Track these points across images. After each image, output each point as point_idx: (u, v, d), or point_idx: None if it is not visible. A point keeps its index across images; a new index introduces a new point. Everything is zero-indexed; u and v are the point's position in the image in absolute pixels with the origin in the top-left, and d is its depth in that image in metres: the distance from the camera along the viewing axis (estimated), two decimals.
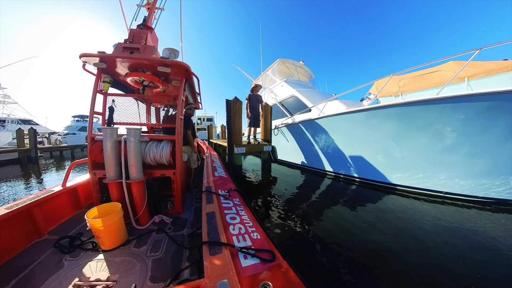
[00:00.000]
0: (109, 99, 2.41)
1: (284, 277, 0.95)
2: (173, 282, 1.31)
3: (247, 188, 4.80)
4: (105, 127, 1.95)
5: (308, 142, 6.15)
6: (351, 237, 2.57)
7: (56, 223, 2.05)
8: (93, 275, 1.36)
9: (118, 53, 2.15)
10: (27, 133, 10.42)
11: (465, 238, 2.48)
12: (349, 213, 3.33)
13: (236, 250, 1.13)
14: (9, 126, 14.13)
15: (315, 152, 6.02)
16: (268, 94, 8.97)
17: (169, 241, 1.78)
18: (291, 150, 7.10)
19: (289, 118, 6.91)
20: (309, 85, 9.07)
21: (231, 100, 4.65)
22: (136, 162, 1.96)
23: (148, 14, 2.97)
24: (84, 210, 2.32)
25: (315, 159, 6.10)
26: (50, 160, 11.37)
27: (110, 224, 1.61)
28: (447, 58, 3.45)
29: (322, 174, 5.88)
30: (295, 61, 9.20)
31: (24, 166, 9.06)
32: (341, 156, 5.22)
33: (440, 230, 2.65)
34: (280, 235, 2.65)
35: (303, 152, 6.61)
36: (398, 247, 2.33)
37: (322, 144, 5.70)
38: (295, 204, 3.80)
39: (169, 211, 2.35)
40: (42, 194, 1.96)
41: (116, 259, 1.53)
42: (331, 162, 5.61)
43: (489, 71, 4.30)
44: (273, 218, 3.12)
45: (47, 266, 1.45)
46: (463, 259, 2.07)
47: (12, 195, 4.99)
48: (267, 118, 5.85)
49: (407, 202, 3.71)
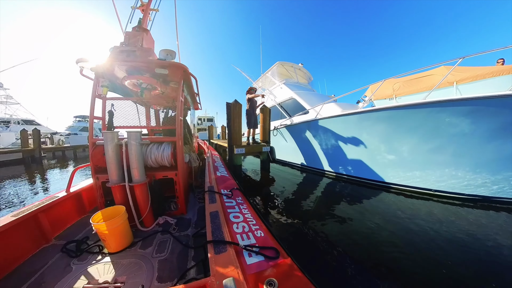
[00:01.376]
0: (108, 103, 2.41)
1: (289, 273, 0.96)
2: (180, 281, 1.33)
3: (247, 187, 4.98)
4: (105, 132, 1.96)
5: (306, 143, 6.35)
6: (352, 234, 2.67)
7: (62, 228, 2.08)
8: (101, 278, 1.38)
9: (115, 56, 2.15)
10: (31, 134, 10.37)
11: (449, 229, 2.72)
12: (347, 210, 3.45)
13: (241, 248, 1.14)
14: (12, 127, 14.16)
15: (313, 152, 6.20)
16: (268, 96, 9.17)
17: (174, 242, 1.80)
18: (289, 150, 7.28)
19: (287, 119, 7.14)
20: (308, 87, 9.37)
21: (231, 103, 4.85)
22: (138, 165, 1.97)
23: (142, 16, 2.95)
24: (89, 214, 2.34)
25: (313, 159, 6.29)
26: (53, 161, 11.40)
27: (115, 227, 1.63)
28: (439, 64, 3.83)
29: (321, 173, 6.07)
30: (294, 64, 9.39)
31: (28, 166, 9.11)
32: (338, 156, 5.44)
33: (436, 226, 2.79)
34: (278, 230, 2.79)
35: (302, 152, 6.80)
36: (395, 241, 2.47)
37: (320, 144, 5.90)
38: (293, 202, 3.96)
39: (173, 212, 2.37)
40: (47, 200, 1.98)
41: (122, 261, 1.55)
42: (329, 161, 5.81)
43: (476, 76, 4.61)
44: (272, 215, 3.30)
45: (56, 271, 1.47)
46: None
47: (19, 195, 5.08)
48: (266, 120, 6.02)
49: (402, 199, 3.91)
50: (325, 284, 1.79)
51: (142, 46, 2.37)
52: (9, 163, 9.30)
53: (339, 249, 2.30)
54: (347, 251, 2.26)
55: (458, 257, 2.14)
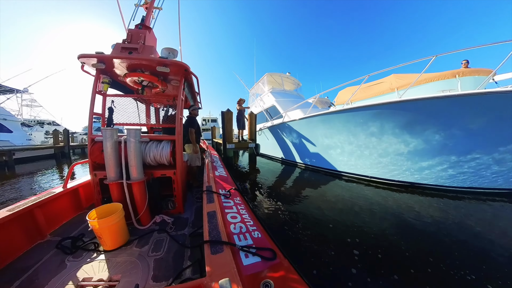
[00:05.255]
0: (108, 99, 2.40)
1: (285, 275, 0.95)
2: (175, 281, 1.31)
3: (237, 175, 6.36)
4: (104, 128, 1.95)
5: (282, 140, 8.05)
6: (312, 209, 3.48)
7: (58, 224, 2.06)
8: (95, 275, 1.37)
9: (117, 53, 2.14)
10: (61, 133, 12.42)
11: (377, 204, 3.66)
12: (308, 192, 4.43)
13: (237, 248, 1.13)
14: (37, 127, 15.89)
15: (287, 147, 7.88)
16: (258, 102, 10.98)
17: (171, 241, 1.79)
18: (271, 146, 9.22)
19: (269, 122, 8.85)
20: (293, 93, 10.93)
21: (225, 112, 6.69)
22: (136, 162, 1.96)
23: (146, 14, 2.95)
24: (86, 211, 2.32)
25: (288, 153, 8.05)
26: (77, 156, 13.73)
27: (111, 225, 1.62)
28: (387, 69, 4.31)
29: (294, 164, 7.79)
30: (282, 74, 11.09)
31: (59, 160, 10.72)
32: (303, 150, 6.94)
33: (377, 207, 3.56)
34: (261, 208, 3.55)
35: (280, 147, 8.59)
36: (335, 214, 3.28)
37: (290, 141, 7.51)
38: (272, 186, 4.99)
39: (170, 210, 2.35)
40: (43, 196, 1.97)
41: (118, 259, 1.54)
42: (299, 155, 7.38)
43: (410, 83, 5.41)
44: (257, 196, 4.27)
45: (50, 267, 1.46)
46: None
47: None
48: (252, 123, 7.67)
49: (348, 184, 5.04)
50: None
51: (144, 43, 2.37)
52: (43, 157, 10.96)
53: (301, 217, 3.14)
54: (306, 220, 3.06)
55: (375, 221, 2.96)
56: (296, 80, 11.63)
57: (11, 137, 10.49)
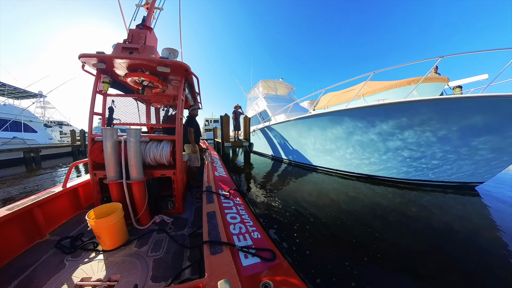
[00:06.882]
0: (109, 99, 2.40)
1: (285, 276, 0.95)
2: (174, 281, 1.31)
3: (234, 169, 7.53)
4: (105, 128, 1.95)
5: (270, 140, 9.43)
6: (294, 194, 4.31)
7: (57, 224, 2.05)
8: (94, 275, 1.37)
9: (117, 53, 2.15)
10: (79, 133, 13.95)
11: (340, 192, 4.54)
12: (290, 183, 5.28)
13: (237, 249, 1.13)
14: (55, 128, 17.01)
15: (275, 146, 9.21)
16: (253, 106, 12.39)
17: (170, 241, 1.78)
18: (263, 145, 10.70)
19: (260, 124, 10.10)
20: (286, 97, 12.19)
21: (223, 116, 8.22)
22: (136, 162, 1.96)
23: (147, 14, 2.95)
24: (85, 211, 2.32)
25: (276, 150, 9.46)
26: None
27: (111, 225, 1.62)
28: (362, 76, 4.60)
29: (280, 160, 9.28)
30: (275, 80, 12.31)
31: (76, 157, 12.19)
32: (286, 148, 8.23)
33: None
34: (253, 195, 4.27)
35: (270, 146, 9.93)
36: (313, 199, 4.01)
37: (277, 141, 8.87)
38: (263, 178, 5.94)
39: (169, 211, 2.35)
40: (42, 195, 1.96)
41: (117, 259, 1.54)
42: (284, 152, 8.72)
43: (374, 90, 6.10)
44: (250, 186, 5.07)
45: (49, 267, 1.45)
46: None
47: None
48: (246, 125, 9.03)
49: (323, 176, 6.06)
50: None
51: (145, 44, 2.37)
52: (62, 154, 12.44)
53: (285, 204, 3.72)
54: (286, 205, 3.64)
55: (338, 206, 3.62)
56: (289, 85, 12.85)
57: (36, 136, 11.63)
